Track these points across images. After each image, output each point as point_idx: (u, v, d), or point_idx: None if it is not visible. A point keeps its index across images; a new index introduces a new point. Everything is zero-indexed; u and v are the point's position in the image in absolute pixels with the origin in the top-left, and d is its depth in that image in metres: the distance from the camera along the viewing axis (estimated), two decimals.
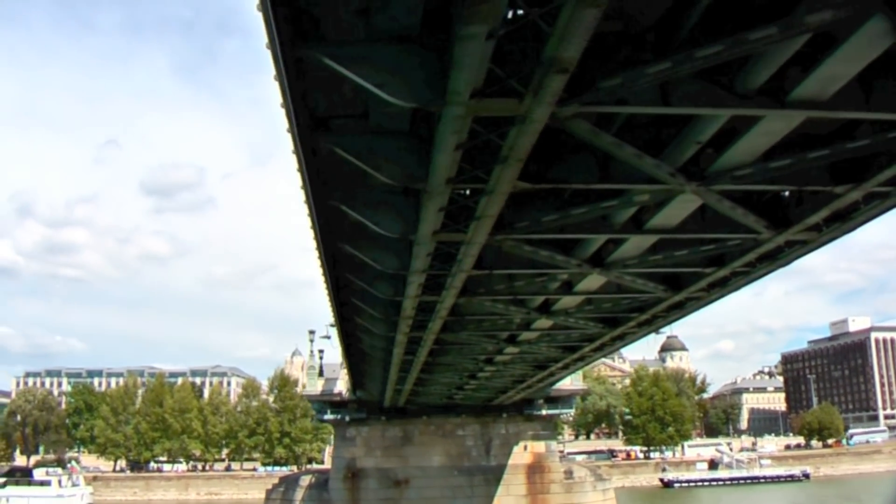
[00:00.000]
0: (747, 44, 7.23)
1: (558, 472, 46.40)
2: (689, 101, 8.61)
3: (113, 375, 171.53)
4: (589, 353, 27.25)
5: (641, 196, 11.49)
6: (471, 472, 46.96)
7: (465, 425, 47.97)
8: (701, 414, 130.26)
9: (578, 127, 8.98)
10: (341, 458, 48.24)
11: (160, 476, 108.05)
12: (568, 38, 6.84)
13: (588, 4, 6.36)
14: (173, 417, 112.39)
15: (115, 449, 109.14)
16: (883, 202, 12.13)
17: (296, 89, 9.59)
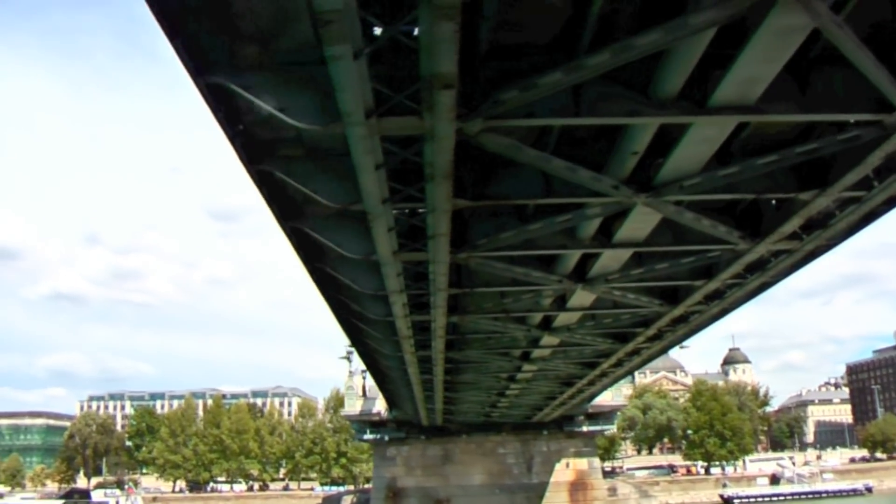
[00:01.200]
0: (634, 49, 6.91)
1: (601, 489, 45.63)
2: (602, 110, 8.26)
3: (175, 398, 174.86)
4: (609, 369, 26.64)
5: (593, 209, 11.11)
6: (512, 490, 46.53)
7: (506, 443, 47.57)
8: (765, 428, 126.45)
9: (491, 142, 8.70)
10: (382, 477, 48.29)
11: (218, 496, 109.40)
12: (435, 53, 6.63)
13: (442, 18, 6.13)
14: (230, 438, 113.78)
15: (175, 470, 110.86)
16: (859, 207, 11.51)
17: (232, 118, 9.57)
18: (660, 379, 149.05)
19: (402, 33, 6.60)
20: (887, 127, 8.75)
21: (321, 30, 6.40)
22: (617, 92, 8.20)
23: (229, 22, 7.98)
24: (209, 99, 8.88)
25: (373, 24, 6.45)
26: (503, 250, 13.03)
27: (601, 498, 44.93)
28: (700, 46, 7.20)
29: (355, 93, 7.36)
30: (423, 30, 6.37)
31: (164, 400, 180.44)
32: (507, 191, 10.78)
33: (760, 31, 6.80)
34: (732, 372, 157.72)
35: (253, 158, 10.69)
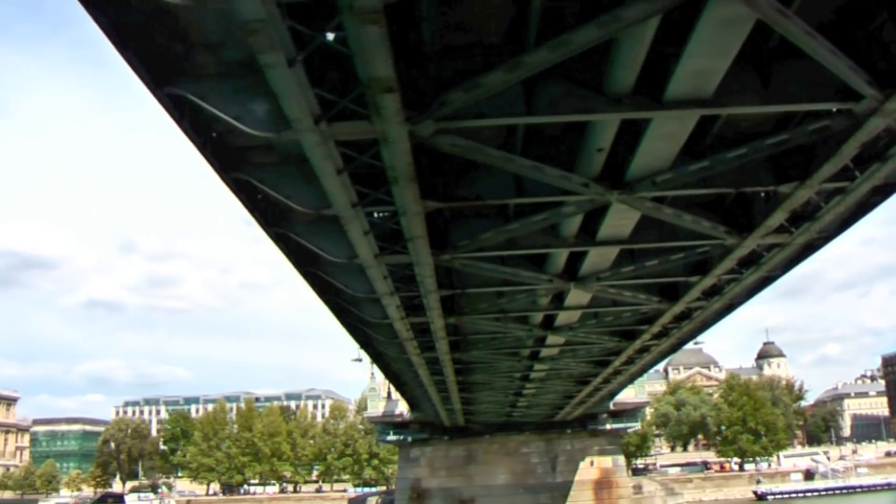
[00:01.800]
0: (570, 45, 6.81)
1: (626, 486, 45.25)
2: (554, 108, 8.16)
3: (209, 402, 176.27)
4: (621, 366, 26.39)
5: (569, 207, 11.00)
6: (536, 489, 46.27)
7: (529, 442, 47.33)
8: (800, 422, 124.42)
9: (447, 143, 8.64)
10: (406, 478, 48.32)
11: (251, 498, 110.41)
12: (368, 57, 6.60)
13: (366, 22, 6.09)
14: (262, 441, 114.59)
15: (208, 473, 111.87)
16: (844, 198, 11.26)
17: (201, 127, 9.62)
18: (693, 375, 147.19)
19: (336, 39, 6.57)
20: (858, 115, 8.53)
21: (248, 39, 6.41)
22: (570, 89, 8.09)
23: (181, 31, 8.02)
24: (171, 109, 8.93)
25: (301, 32, 6.40)
26: (487, 251, 12.95)
27: (626, 496, 44.53)
28: (643, 41, 7.08)
29: (298, 99, 7.35)
30: (351, 35, 6.33)
31: (198, 404, 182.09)
32: (479, 191, 10.71)
33: (701, 23, 6.67)
34: (767, 366, 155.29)
35: (226, 166, 10.74)
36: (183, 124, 9.27)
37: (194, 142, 9.77)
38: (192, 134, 9.55)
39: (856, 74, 7.65)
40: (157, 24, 7.90)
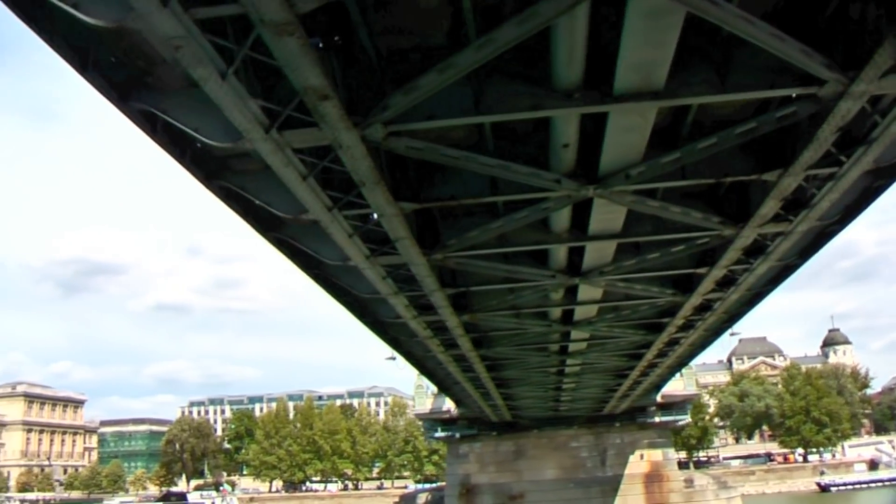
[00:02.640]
0: (494, 43, 6.75)
1: (678, 480, 44.48)
2: (503, 107, 8.12)
3: (273, 401, 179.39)
4: (655, 359, 26.00)
5: (548, 204, 10.90)
6: (586, 483, 45.81)
7: (578, 436, 46.91)
8: (867, 411, 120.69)
9: (402, 146, 8.67)
10: (455, 474, 48.35)
11: (313, 495, 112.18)
12: (295, 67, 6.66)
13: (282, 34, 6.16)
14: (323, 439, 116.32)
15: (270, 471, 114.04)
16: (836, 184, 10.91)
17: (180, 139, 9.82)
18: (758, 364, 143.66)
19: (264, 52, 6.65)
20: (823, 100, 8.29)
21: (175, 55, 6.54)
22: (519, 87, 8.05)
23: (135, 47, 8.20)
24: (142, 123, 9.13)
25: (223, 47, 6.51)
26: (480, 249, 12.94)
27: (677, 490, 43.74)
28: (576, 35, 6.97)
29: (240, 111, 7.46)
30: (272, 47, 6.40)
31: (262, 403, 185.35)
32: (454, 191, 10.70)
33: (629, 16, 6.56)
34: (833, 354, 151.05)
35: (210, 175, 10.95)
36: (156, 137, 9.48)
37: (171, 153, 9.98)
38: (168, 146, 9.76)
39: (810, 58, 7.43)
40: (114, 43, 8.11)
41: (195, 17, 6.13)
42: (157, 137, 9.45)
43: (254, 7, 5.89)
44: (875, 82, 7.72)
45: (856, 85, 7.78)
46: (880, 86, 7.89)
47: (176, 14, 5.99)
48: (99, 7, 6.39)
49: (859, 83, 7.75)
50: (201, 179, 10.82)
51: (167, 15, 5.98)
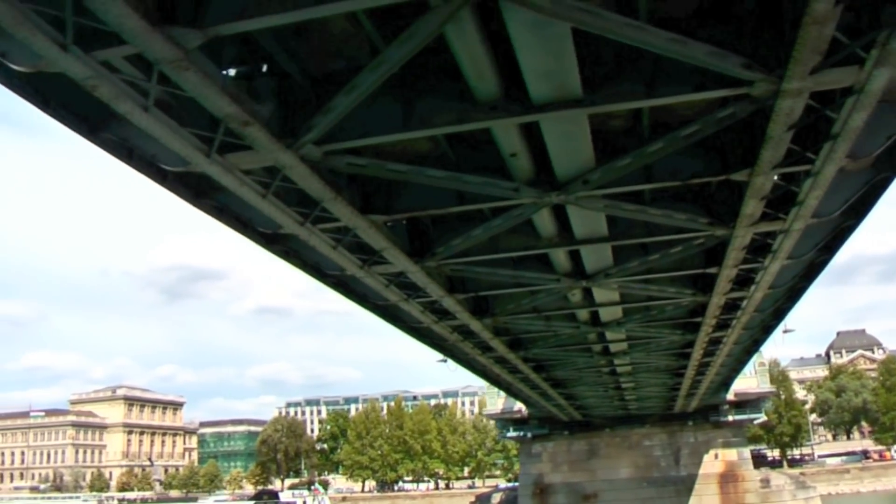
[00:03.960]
0: (388, 62, 6.92)
1: (753, 480, 43.30)
2: (429, 122, 8.32)
3: (367, 401, 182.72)
4: (704, 359, 25.47)
5: (518, 211, 11.00)
6: (660, 483, 45.18)
7: (652, 435, 46.30)
8: None
9: (343, 163, 8.98)
10: (528, 474, 48.41)
11: (404, 495, 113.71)
12: (204, 97, 7.04)
13: (180, 69, 6.55)
14: (413, 439, 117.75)
15: (362, 471, 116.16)
16: (816, 181, 10.60)
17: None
18: (856, 358, 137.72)
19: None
20: (758, 99, 8.14)
21: (94, 95, 7.03)
22: (446, 102, 8.23)
23: None
24: (116, 151, 9.68)
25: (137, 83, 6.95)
26: (471, 255, 13.12)
27: (753, 490, 42.52)
28: (473, 50, 7.08)
29: (174, 139, 7.92)
30: (177, 80, 6.79)
31: (357, 404, 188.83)
32: (424, 202, 10.94)
33: (512, 29, 6.66)
34: None
35: (199, 194, 11.49)
36: (133, 163, 10.04)
37: (152, 178, 10.55)
38: (147, 171, 10.31)
39: (724, 60, 7.34)
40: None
41: (98, 58, 6.59)
42: (133, 164, 9.98)
43: (143, 47, 6.30)
44: (807, 79, 7.53)
45: (787, 83, 7.60)
46: (818, 82, 7.69)
47: (79, 57, 6.45)
48: (22, 55, 6.92)
49: (790, 81, 7.56)
50: (190, 200, 11.29)
51: (72, 58, 6.45)
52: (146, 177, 10.35)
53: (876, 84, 7.82)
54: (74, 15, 6.12)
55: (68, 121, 8.81)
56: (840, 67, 7.42)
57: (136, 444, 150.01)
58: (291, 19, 6.27)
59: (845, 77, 7.64)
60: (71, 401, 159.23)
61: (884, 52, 7.15)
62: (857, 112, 8.52)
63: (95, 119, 9.08)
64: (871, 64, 7.36)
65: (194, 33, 6.32)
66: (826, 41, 6.86)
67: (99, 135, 9.20)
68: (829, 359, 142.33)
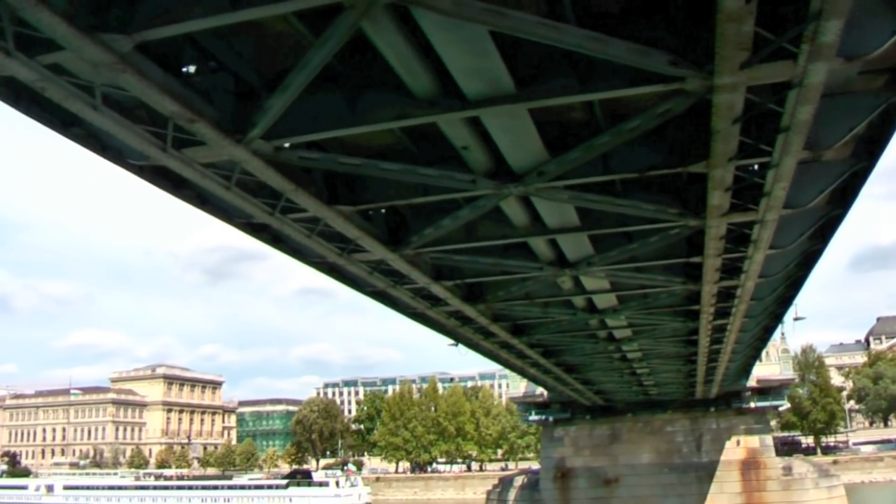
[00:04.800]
0: (309, 66, 7.19)
1: (775, 468, 43.00)
2: (372, 117, 8.59)
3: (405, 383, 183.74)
4: (713, 346, 25.42)
5: (483, 202, 11.23)
6: (682, 469, 45.12)
7: (674, 421, 46.23)
8: None
9: (294, 158, 9.30)
10: (550, 458, 48.64)
11: (438, 476, 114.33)
12: (146, 97, 7.42)
13: (115, 71, 6.90)
14: (447, 420, 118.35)
15: (395, 452, 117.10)
16: (778, 172, 10.63)
17: None
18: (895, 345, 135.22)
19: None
20: (694, 93, 8.22)
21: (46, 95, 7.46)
22: (389, 98, 8.49)
23: None
24: (90, 145, 10.12)
25: None
26: (448, 244, 13.38)
27: (775, 478, 42.19)
28: (398, 50, 7.32)
29: (129, 135, 8.33)
30: (117, 82, 7.18)
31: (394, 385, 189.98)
32: (386, 194, 11.22)
33: (427, 32, 6.92)
34: None
35: (178, 185, 11.90)
36: (107, 155, 10.48)
37: (128, 169, 10.99)
38: (122, 163, 10.72)
39: (647, 57, 7.46)
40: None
41: (43, 62, 6.98)
42: (107, 156, 10.42)
43: (79, 52, 6.67)
44: (738, 74, 7.60)
45: (718, 79, 7.69)
46: (752, 77, 7.77)
47: (25, 62, 6.86)
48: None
49: (721, 77, 7.64)
50: (170, 191, 11.69)
51: (17, 63, 6.86)
52: (124, 169, 10.80)
53: (814, 78, 7.87)
54: (15, 24, 6.51)
55: (40, 117, 9.20)
56: (773, 62, 7.49)
57: (175, 422, 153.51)
58: (211, 24, 6.61)
59: (781, 72, 7.70)
60: (111, 379, 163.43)
61: (814, 46, 7.19)
62: (803, 105, 8.58)
63: (67, 115, 9.50)
64: (805, 59, 7.41)
65: (124, 39, 6.68)
66: (747, 37, 6.95)
67: (71, 129, 9.61)
68: (868, 345, 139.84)
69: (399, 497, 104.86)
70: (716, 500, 43.34)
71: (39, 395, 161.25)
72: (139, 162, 9.63)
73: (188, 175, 9.54)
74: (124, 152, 9.63)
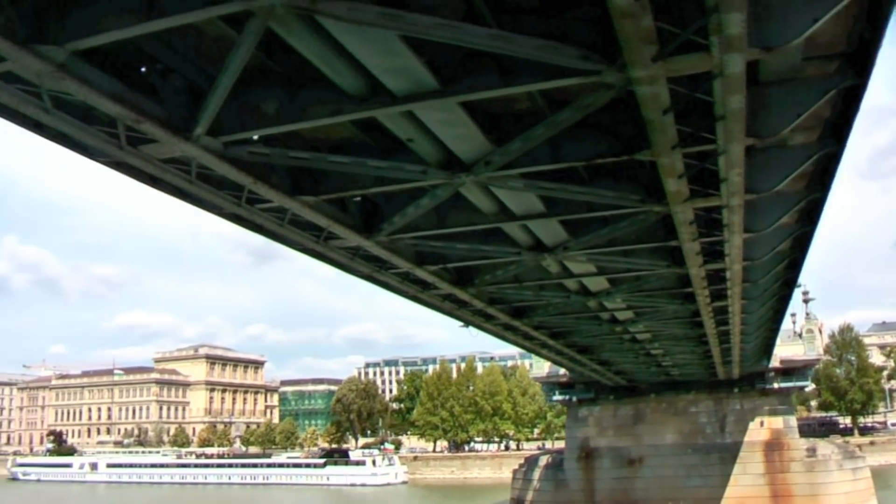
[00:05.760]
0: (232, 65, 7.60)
1: (799, 449, 42.69)
2: (311, 114, 8.99)
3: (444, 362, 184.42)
4: (720, 327, 25.45)
5: (440, 190, 11.58)
6: (705, 450, 45.07)
7: (698, 401, 46.14)
8: None
9: (244, 153, 9.75)
10: (574, 438, 48.87)
11: (475, 455, 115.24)
12: (90, 101, 7.94)
13: (53, 79, 7.42)
14: (483, 399, 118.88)
15: (433, 431, 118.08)
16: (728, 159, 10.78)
17: None
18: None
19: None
20: (614, 86, 8.42)
21: None
22: (325, 96, 8.89)
23: None
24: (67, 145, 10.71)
25: None
26: (419, 230, 13.77)
27: (798, 459, 41.90)
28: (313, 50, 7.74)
29: (85, 135, 8.91)
30: (62, 90, 7.72)
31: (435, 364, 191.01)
32: (346, 185, 11.64)
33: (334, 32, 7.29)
34: None
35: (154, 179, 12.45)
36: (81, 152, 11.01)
37: (105, 164, 11.57)
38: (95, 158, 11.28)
39: (556, 52, 7.66)
40: None
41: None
42: (81, 152, 10.94)
43: (19, 62, 7.20)
44: (652, 67, 7.74)
45: (634, 71, 7.86)
46: (669, 69, 7.92)
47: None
48: None
49: (635, 69, 7.82)
50: (148, 183, 12.27)
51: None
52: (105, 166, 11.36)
53: (733, 69, 8.03)
54: None
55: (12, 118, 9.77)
56: (689, 55, 7.66)
57: (217, 402, 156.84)
58: (127, 34, 7.09)
59: (698, 63, 7.83)
60: (155, 359, 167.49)
61: (723, 38, 7.34)
62: (732, 95, 8.75)
63: None
64: (718, 50, 7.56)
65: (57, 49, 7.19)
66: (649, 32, 7.11)
67: (43, 130, 10.14)
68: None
69: (436, 476, 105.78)
70: (739, 481, 43.20)
71: (85, 375, 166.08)
72: (102, 159, 10.15)
73: (149, 171, 10.07)
74: (92, 150, 10.15)
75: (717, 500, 43.24)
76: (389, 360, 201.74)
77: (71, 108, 8.60)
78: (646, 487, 45.03)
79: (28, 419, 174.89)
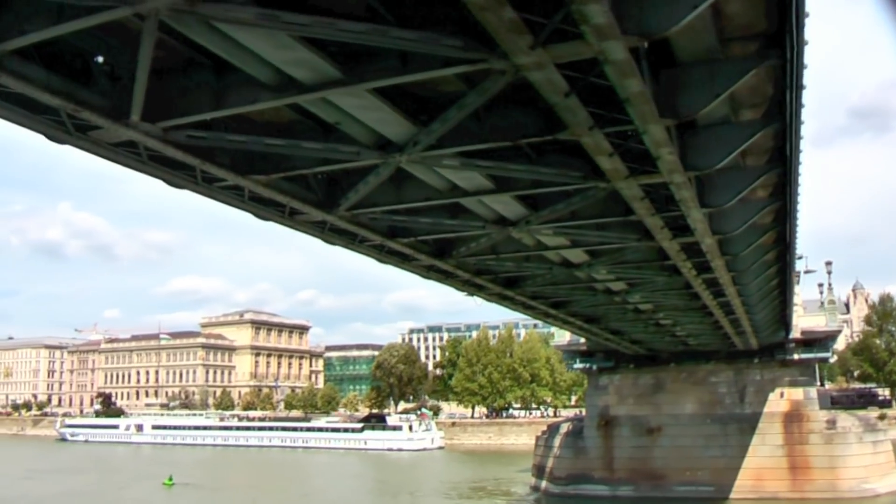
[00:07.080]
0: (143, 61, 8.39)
1: (818, 421, 42.60)
2: (235, 102, 9.73)
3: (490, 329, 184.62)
4: (718, 299, 25.69)
5: (381, 169, 12.20)
6: (724, 420, 45.19)
7: (718, 372, 46.19)
8: None
9: (182, 137, 10.53)
10: (594, 406, 49.37)
11: (512, 422, 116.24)
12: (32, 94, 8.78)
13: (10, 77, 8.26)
14: (522, 366, 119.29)
15: (472, 397, 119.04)
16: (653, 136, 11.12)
17: None
18: None
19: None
20: (505, 72, 8.79)
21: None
22: (244, 85, 9.61)
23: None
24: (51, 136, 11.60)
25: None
26: (377, 206, 14.45)
27: (818, 431, 41.77)
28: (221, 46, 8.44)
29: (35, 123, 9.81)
30: None
31: (478, 331, 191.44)
32: (292, 164, 12.35)
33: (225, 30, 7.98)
34: None
35: None
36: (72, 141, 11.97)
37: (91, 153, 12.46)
38: None
39: (435, 43, 8.06)
40: None
41: None
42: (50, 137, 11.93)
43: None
44: (532, 54, 8.04)
45: (515, 59, 8.17)
46: (554, 56, 8.24)
47: None
48: None
49: (517, 57, 8.15)
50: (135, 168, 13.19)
51: None
52: None
53: (616, 55, 8.35)
54: None
55: None
56: (568, 42, 8.01)
57: (263, 366, 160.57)
58: (43, 37, 7.88)
59: (580, 50, 8.10)
60: (201, 324, 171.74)
61: (593, 27, 7.65)
62: (627, 79, 9.11)
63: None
64: (594, 38, 7.90)
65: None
66: (514, 22, 7.42)
67: None
68: None
69: (474, 441, 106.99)
70: (757, 452, 43.30)
71: (134, 339, 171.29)
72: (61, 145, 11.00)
73: (103, 155, 10.92)
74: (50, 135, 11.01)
75: (735, 471, 43.44)
76: (433, 325, 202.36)
77: (16, 98, 9.44)
78: (664, 456, 45.38)
79: (78, 382, 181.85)
